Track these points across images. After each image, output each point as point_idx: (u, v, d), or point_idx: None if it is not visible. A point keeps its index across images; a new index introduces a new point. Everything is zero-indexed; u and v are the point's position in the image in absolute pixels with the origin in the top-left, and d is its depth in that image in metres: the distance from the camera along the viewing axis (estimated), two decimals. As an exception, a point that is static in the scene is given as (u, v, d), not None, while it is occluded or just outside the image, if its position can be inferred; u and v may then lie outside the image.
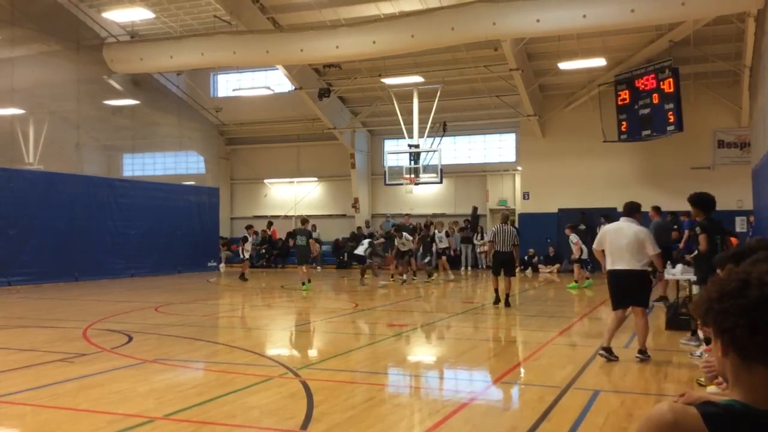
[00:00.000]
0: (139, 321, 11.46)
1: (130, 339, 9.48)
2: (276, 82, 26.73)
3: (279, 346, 10.19)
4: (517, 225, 24.92)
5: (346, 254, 26.25)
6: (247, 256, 20.52)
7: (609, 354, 7.81)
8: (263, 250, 27.22)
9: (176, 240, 23.63)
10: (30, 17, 21.43)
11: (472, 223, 25.54)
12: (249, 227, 21.38)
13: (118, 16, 21.65)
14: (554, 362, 8.13)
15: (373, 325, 11.95)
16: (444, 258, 21.28)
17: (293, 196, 29.59)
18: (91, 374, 7.29)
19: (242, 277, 19.97)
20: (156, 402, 6.03)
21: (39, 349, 8.73)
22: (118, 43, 23.17)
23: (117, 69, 23.15)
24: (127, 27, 23.72)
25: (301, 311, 13.95)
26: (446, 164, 24.27)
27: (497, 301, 13.33)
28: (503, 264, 13.27)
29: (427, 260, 21.12)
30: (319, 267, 24.91)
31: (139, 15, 21.40)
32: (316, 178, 29.33)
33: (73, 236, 20.15)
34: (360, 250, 19.17)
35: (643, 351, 7.85)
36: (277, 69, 24.64)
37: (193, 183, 28.12)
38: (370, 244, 19.33)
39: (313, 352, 9.56)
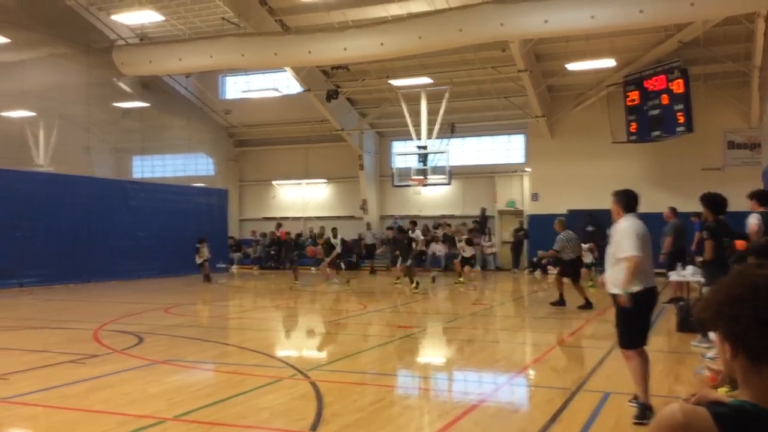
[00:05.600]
0: (149, 322, 11.50)
1: (141, 340, 9.52)
2: (284, 84, 26.79)
3: (288, 347, 10.21)
4: (525, 226, 24.90)
5: (355, 256, 26.27)
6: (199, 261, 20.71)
7: (646, 413, 5.43)
8: (272, 252, 27.27)
9: (186, 242, 23.68)
10: (41, 21, 21.55)
11: (481, 224, 25.51)
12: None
13: (127, 18, 21.75)
14: (564, 364, 8.11)
15: (382, 327, 11.96)
16: (468, 267, 20.16)
17: (302, 197, 29.64)
18: (102, 375, 7.32)
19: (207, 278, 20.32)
20: (167, 403, 6.06)
21: (50, 350, 8.78)
22: (128, 46, 23.28)
23: (126, 71, 23.25)
24: (137, 30, 23.83)
25: (309, 312, 13.97)
26: (454, 165, 24.25)
27: (563, 302, 13.22)
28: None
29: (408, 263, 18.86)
30: (313, 269, 24.21)
31: (148, 18, 21.47)
32: (324, 180, 29.37)
33: (83, 238, 20.25)
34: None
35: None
36: (286, 71, 24.70)
37: (202, 185, 28.22)
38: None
39: (322, 354, 9.57)
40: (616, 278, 5.66)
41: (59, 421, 5.58)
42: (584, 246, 16.81)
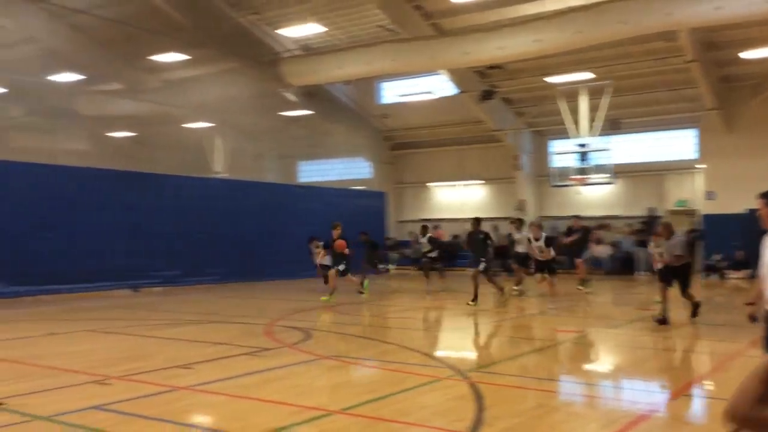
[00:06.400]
0: (316, 319, 12.08)
1: (308, 336, 10.02)
2: (439, 86, 27.00)
3: (447, 348, 10.28)
4: (699, 227, 23.25)
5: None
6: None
7: None
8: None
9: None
10: (215, 39, 23.33)
11: (648, 225, 24.17)
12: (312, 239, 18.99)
13: (292, 32, 22.94)
14: (743, 375, 7.49)
15: (542, 330, 11.71)
16: (523, 267, 17.30)
17: (458, 199, 29.70)
18: (273, 368, 7.80)
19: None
20: (332, 397, 6.34)
21: (229, 343, 9.48)
22: (293, 58, 24.56)
23: (292, 82, 24.54)
24: (300, 42, 25.07)
25: (468, 314, 13.96)
26: (618, 163, 23.22)
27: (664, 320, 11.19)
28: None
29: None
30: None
31: (311, 30, 22.49)
32: (480, 181, 29.23)
33: (256, 239, 21.66)
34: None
35: None
36: (440, 74, 24.89)
37: (362, 187, 29.15)
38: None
39: (481, 356, 9.54)
40: None
41: (237, 409, 6.01)
42: None
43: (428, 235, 18.40)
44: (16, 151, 25.85)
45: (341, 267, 15.78)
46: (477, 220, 15.17)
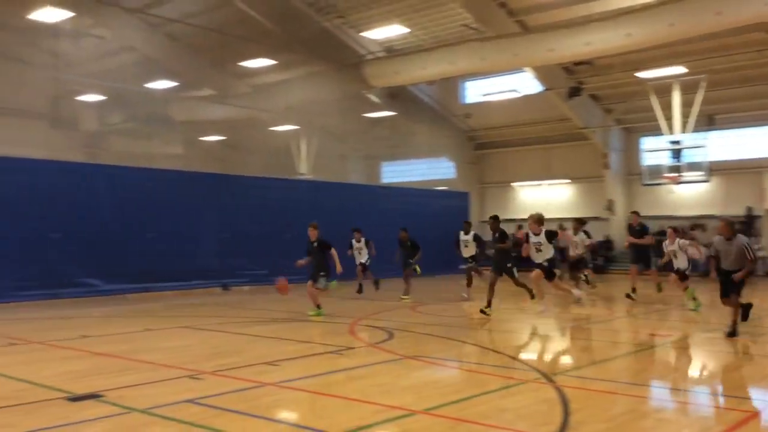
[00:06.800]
0: (397, 319, 12.14)
1: (391, 336, 10.08)
2: (524, 84, 26.59)
3: (532, 350, 10.11)
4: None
5: (601, 258, 25.20)
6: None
7: None
8: (513, 253, 27.17)
9: (430, 243, 24.56)
10: (301, 42, 23.85)
11: (747, 225, 22.99)
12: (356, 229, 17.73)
13: (376, 34, 23.11)
14: None
15: (633, 334, 11.34)
16: (582, 271, 16.25)
17: (543, 199, 29.14)
18: (356, 366, 7.90)
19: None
20: (415, 396, 6.35)
21: (313, 341, 9.67)
22: (376, 60, 24.78)
23: (375, 84, 24.76)
24: (384, 44, 25.26)
25: (553, 316, 13.68)
26: (714, 161, 22.20)
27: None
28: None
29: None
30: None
31: (394, 31, 22.59)
32: (566, 180, 28.59)
33: (341, 239, 21.93)
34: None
35: None
36: (525, 71, 24.49)
37: (445, 188, 29.07)
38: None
39: (567, 359, 9.33)
40: None
41: (321, 406, 6.12)
42: None
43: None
44: (115, 155, 27.26)
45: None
46: (495, 219, 13.97)
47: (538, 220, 12.11)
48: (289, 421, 5.79)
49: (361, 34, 23.70)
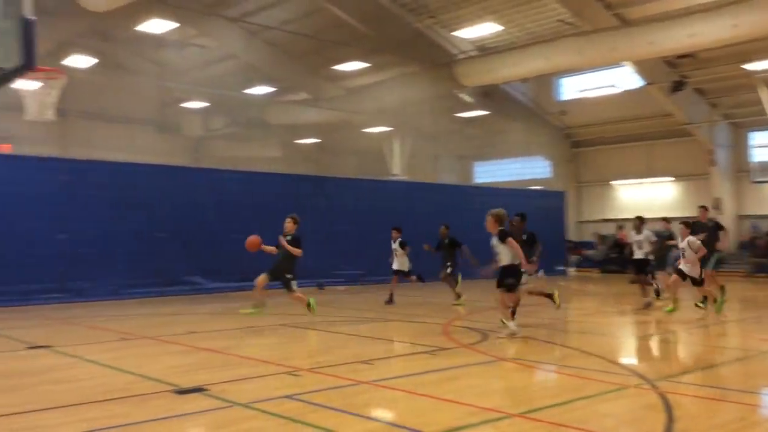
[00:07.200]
0: (492, 320, 12.00)
1: (485, 337, 10.00)
2: (623, 79, 25.73)
3: (633, 354, 9.77)
4: None
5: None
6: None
7: None
8: (614, 254, 26.39)
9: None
10: (392, 44, 24.04)
11: None
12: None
13: (468, 33, 22.99)
14: None
15: (742, 339, 10.76)
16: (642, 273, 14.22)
17: (645, 197, 28.07)
18: (450, 367, 7.88)
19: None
20: (511, 399, 6.27)
21: (407, 341, 9.72)
22: (467, 59, 24.64)
23: (467, 83, 24.63)
24: (476, 42, 25.07)
25: (656, 320, 13.17)
26: (833, 156, 20.73)
27: None
28: None
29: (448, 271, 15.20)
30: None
31: (488, 29, 22.39)
32: (669, 178, 27.43)
33: (432, 241, 21.94)
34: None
35: None
36: (624, 66, 23.69)
37: (539, 187, 28.53)
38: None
39: (671, 364, 8.95)
40: None
41: (416, 406, 6.15)
42: None
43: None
44: (216, 159, 28.38)
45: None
46: (522, 217, 12.37)
47: (498, 217, 9.97)
48: (384, 419, 5.85)
49: (453, 33, 23.62)
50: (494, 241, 9.98)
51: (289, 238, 11.61)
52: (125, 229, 16.37)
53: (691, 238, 12.24)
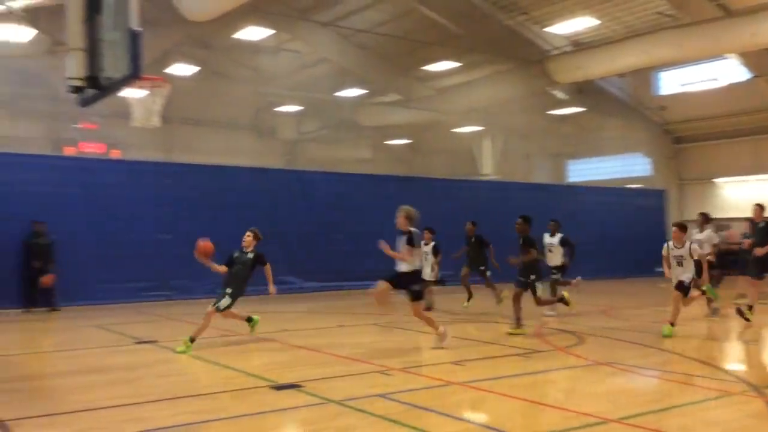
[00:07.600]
0: (587, 323, 11.70)
1: (581, 340, 9.75)
2: (727, 71, 24.46)
3: (739, 360, 9.28)
4: None
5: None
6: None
7: None
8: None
9: (621, 244, 23.36)
10: (483, 42, 23.80)
11: None
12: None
13: (561, 28, 22.41)
14: None
15: None
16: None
17: (752, 196, 26.54)
18: (545, 370, 7.74)
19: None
20: (609, 404, 6.09)
21: (499, 342, 9.61)
22: (560, 55, 24.07)
23: (560, 79, 24.06)
24: (570, 38, 24.47)
25: (756, 324, 12.44)
26: None
27: None
28: None
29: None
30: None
31: (582, 24, 21.76)
32: (782, 175, 25.87)
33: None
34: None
35: None
36: (728, 58, 22.52)
37: (637, 186, 27.54)
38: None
39: (781, 372, 8.44)
40: None
41: (508, 408, 6.07)
42: None
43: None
44: (309, 161, 28.99)
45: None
46: (473, 223, 11.72)
47: (408, 215, 9.66)
48: (477, 421, 5.81)
49: (546, 29, 23.13)
50: (402, 240, 9.49)
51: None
52: (224, 229, 16.99)
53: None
